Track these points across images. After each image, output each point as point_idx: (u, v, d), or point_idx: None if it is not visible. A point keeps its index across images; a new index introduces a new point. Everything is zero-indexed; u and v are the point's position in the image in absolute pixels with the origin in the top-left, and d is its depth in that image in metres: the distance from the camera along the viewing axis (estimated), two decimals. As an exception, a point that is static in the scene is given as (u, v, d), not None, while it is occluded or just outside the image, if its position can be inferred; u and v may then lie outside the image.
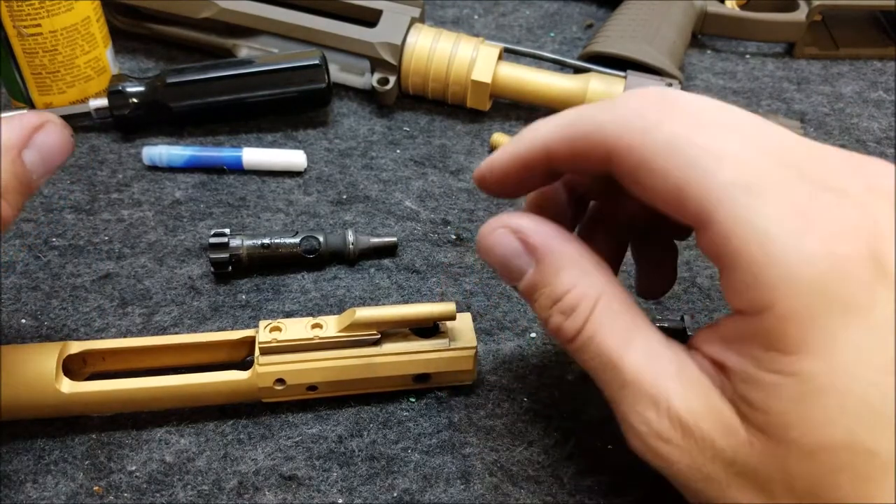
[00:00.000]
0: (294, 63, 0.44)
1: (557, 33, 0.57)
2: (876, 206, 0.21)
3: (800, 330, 0.20)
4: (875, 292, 0.20)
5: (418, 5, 0.48)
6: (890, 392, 0.20)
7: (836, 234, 0.20)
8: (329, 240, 0.38)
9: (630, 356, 0.23)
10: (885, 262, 0.20)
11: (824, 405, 0.20)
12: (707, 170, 0.21)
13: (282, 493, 0.29)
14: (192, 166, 0.43)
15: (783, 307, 0.20)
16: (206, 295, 0.37)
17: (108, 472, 0.30)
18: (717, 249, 0.21)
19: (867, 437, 0.20)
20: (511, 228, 0.26)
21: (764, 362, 0.21)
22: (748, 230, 0.21)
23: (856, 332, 0.20)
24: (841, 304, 0.20)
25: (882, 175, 0.22)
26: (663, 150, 0.22)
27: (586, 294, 0.24)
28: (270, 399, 0.31)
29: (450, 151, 0.46)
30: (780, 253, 0.20)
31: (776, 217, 0.20)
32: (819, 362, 0.20)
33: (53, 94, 0.44)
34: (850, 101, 0.53)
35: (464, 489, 0.30)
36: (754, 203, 0.21)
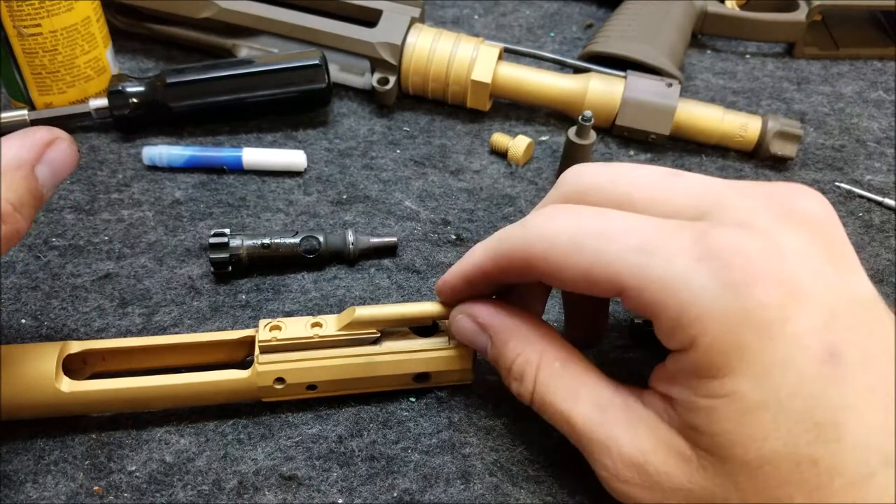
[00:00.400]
0: (294, 63, 0.44)
1: (557, 33, 0.57)
2: (781, 233, 0.23)
3: (722, 356, 0.22)
4: (785, 311, 0.22)
5: (418, 5, 0.48)
6: (815, 401, 0.21)
7: (735, 265, 0.22)
8: (329, 240, 0.38)
9: (578, 410, 0.26)
10: (792, 282, 0.22)
11: (758, 420, 0.22)
12: (603, 250, 0.24)
13: (282, 493, 0.29)
14: (192, 166, 0.43)
15: (703, 341, 0.22)
16: (206, 295, 0.37)
17: (108, 472, 0.30)
18: (639, 308, 0.24)
19: (803, 445, 0.21)
20: (467, 313, 0.30)
21: (700, 389, 0.23)
22: (653, 284, 0.23)
23: (773, 350, 0.22)
24: (753, 326, 0.22)
25: (793, 201, 0.24)
26: (567, 249, 0.25)
27: (529, 360, 0.27)
28: (270, 398, 0.31)
29: (450, 151, 0.46)
30: (684, 293, 0.22)
31: (670, 265, 0.23)
32: (745, 381, 0.22)
33: (53, 94, 0.44)
34: (850, 101, 0.53)
35: (464, 489, 0.30)
36: (650, 261, 0.23)
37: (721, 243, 0.22)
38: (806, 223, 0.23)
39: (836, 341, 0.22)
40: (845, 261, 0.23)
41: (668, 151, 0.47)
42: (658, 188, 0.26)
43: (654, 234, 0.23)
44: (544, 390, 0.27)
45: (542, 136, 0.48)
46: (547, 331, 0.28)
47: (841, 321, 0.22)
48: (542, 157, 0.46)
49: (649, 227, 0.24)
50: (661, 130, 0.46)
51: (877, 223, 0.43)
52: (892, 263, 0.41)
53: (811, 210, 0.24)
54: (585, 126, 0.42)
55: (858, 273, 0.23)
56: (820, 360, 0.21)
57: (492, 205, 0.43)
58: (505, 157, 0.46)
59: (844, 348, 0.22)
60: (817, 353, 0.21)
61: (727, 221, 0.23)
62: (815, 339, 0.22)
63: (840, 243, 0.24)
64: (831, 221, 0.24)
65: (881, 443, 0.21)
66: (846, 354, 0.21)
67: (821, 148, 0.48)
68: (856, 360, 0.22)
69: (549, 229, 0.25)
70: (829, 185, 0.46)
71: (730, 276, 0.22)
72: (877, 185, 0.46)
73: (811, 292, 0.22)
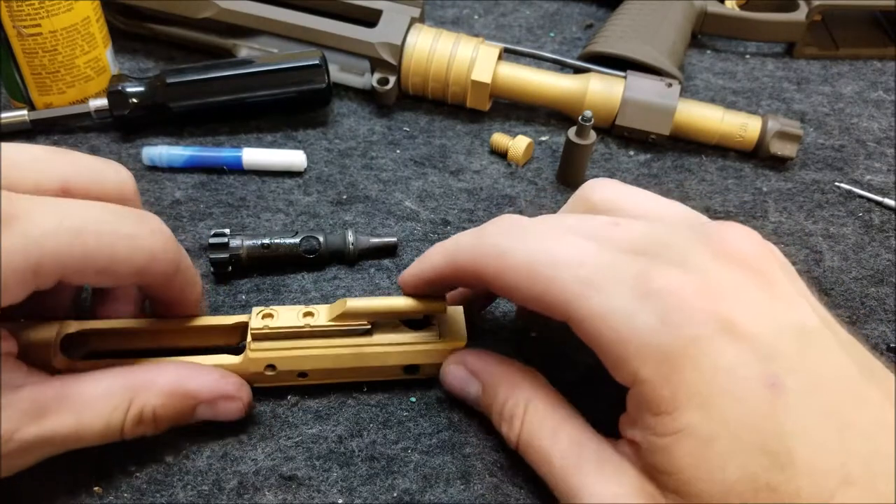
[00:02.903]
0: (294, 63, 0.44)
1: (557, 33, 0.57)
2: (714, 270, 0.24)
3: (666, 390, 0.23)
4: (719, 344, 0.23)
5: (418, 5, 0.48)
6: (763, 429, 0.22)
7: (671, 303, 0.23)
8: (329, 240, 0.38)
9: (557, 447, 0.27)
10: (724, 317, 0.23)
11: (714, 451, 0.22)
12: (553, 277, 0.25)
13: (282, 493, 0.29)
14: (191, 166, 0.43)
15: (645, 374, 0.23)
16: (206, 295, 0.37)
17: (108, 472, 0.30)
18: (584, 338, 0.25)
19: (761, 472, 0.22)
20: (459, 361, 0.31)
21: (656, 427, 0.23)
22: (595, 317, 0.24)
23: (713, 382, 0.22)
24: (691, 360, 0.23)
25: (728, 238, 0.25)
26: (518, 272, 0.26)
27: (517, 404, 0.29)
28: (262, 384, 0.32)
29: (450, 151, 0.46)
30: (624, 329, 0.24)
31: (612, 300, 0.24)
32: (693, 414, 0.22)
33: (53, 94, 0.44)
34: (850, 101, 0.53)
35: (464, 489, 0.30)
36: (595, 295, 0.24)
37: (659, 282, 0.24)
38: (740, 260, 0.24)
39: (776, 371, 0.22)
40: (783, 293, 0.24)
41: (667, 151, 0.47)
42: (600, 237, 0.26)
43: (601, 268, 0.25)
44: (530, 431, 0.28)
45: (542, 136, 0.48)
46: (534, 377, 0.30)
47: (779, 351, 0.23)
48: (542, 157, 0.46)
49: (599, 259, 0.25)
50: (661, 130, 0.46)
51: (877, 223, 0.43)
52: (892, 263, 0.41)
53: (745, 248, 0.25)
54: (585, 126, 0.42)
55: (798, 303, 0.24)
56: (762, 389, 0.22)
57: (492, 205, 0.43)
58: (505, 157, 0.46)
59: (785, 376, 0.22)
60: (758, 382, 0.22)
61: (665, 260, 0.24)
62: (752, 370, 0.22)
63: (777, 276, 0.25)
64: (766, 256, 0.25)
65: (838, 464, 0.21)
66: (787, 382, 0.22)
67: (821, 148, 0.48)
68: (798, 387, 0.22)
69: (504, 249, 0.27)
70: (829, 185, 0.46)
71: (666, 312, 0.23)
72: (877, 185, 0.46)
73: (746, 325, 0.23)
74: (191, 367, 0.30)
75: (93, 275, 0.25)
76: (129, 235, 0.26)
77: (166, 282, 0.29)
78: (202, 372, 0.29)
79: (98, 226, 0.25)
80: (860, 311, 0.38)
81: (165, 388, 0.28)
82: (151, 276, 0.27)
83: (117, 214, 0.26)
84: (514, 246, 0.27)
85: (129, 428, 0.27)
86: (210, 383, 0.29)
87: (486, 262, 0.27)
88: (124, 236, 0.26)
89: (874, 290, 0.39)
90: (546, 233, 0.27)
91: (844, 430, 0.22)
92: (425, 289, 0.31)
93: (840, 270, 0.41)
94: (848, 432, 0.22)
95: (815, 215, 0.44)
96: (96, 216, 0.25)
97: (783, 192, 0.45)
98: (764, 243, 0.26)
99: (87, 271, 0.25)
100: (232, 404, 0.30)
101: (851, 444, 0.22)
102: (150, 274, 0.27)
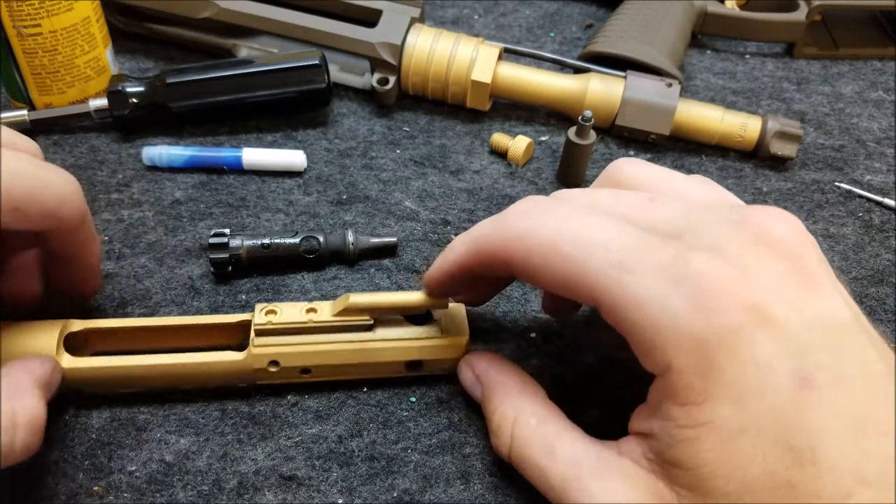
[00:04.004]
0: (294, 63, 0.44)
1: (557, 33, 0.57)
2: (752, 257, 0.23)
3: (699, 379, 0.22)
4: (755, 335, 0.22)
5: (418, 5, 0.48)
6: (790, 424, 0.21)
7: (708, 290, 0.22)
8: (329, 240, 0.38)
9: (554, 466, 0.26)
10: (761, 307, 0.22)
11: (739, 447, 0.22)
12: (582, 259, 0.24)
13: (282, 493, 0.29)
14: (192, 166, 0.43)
15: (679, 362, 0.22)
16: (206, 295, 0.37)
17: (108, 472, 0.30)
18: (615, 324, 0.24)
19: (781, 470, 0.21)
20: (469, 364, 0.32)
21: (681, 418, 0.23)
22: (629, 302, 0.23)
23: (746, 374, 0.22)
24: (726, 351, 0.22)
25: (766, 226, 0.24)
26: (546, 253, 0.25)
27: (505, 415, 0.28)
28: (265, 381, 0.32)
29: (450, 151, 0.46)
30: (659, 315, 0.23)
31: (647, 284, 0.23)
32: (724, 407, 0.22)
33: (53, 94, 0.44)
34: (850, 101, 0.53)
35: (464, 489, 0.30)
36: (627, 278, 0.23)
37: (695, 266, 0.23)
38: (778, 248, 0.24)
39: (808, 365, 0.22)
40: (818, 285, 0.24)
41: (667, 151, 0.47)
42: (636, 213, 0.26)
43: (633, 251, 0.24)
44: (521, 445, 0.27)
45: (542, 136, 0.48)
46: (530, 388, 0.29)
47: (812, 345, 0.22)
48: (542, 157, 0.46)
49: (630, 240, 0.24)
50: (660, 130, 0.46)
51: (877, 223, 0.43)
52: (892, 263, 0.41)
53: (783, 235, 0.24)
54: (585, 126, 0.42)
55: (832, 297, 0.24)
56: (792, 384, 0.22)
57: (492, 205, 0.43)
58: (505, 157, 0.46)
59: (816, 372, 0.22)
60: (789, 377, 0.22)
61: (702, 245, 0.24)
62: (786, 363, 0.22)
63: (813, 267, 0.24)
64: (804, 245, 0.24)
65: (856, 464, 0.21)
66: (818, 378, 0.22)
67: (821, 148, 0.48)
68: (827, 383, 0.22)
69: (529, 230, 0.26)
70: (829, 185, 0.46)
71: (702, 299, 0.22)
72: (877, 185, 0.46)
73: (781, 317, 0.22)
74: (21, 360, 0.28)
75: (9, 211, 0.26)
76: (41, 178, 0.27)
77: (71, 230, 0.29)
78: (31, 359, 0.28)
79: (14, 165, 0.26)
80: (860, 311, 0.38)
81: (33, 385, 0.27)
82: (61, 220, 0.28)
83: (32, 162, 0.27)
84: (538, 228, 0.26)
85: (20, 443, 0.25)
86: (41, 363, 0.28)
87: (511, 246, 0.26)
88: (38, 178, 0.27)
89: (874, 290, 0.39)
90: (571, 212, 0.26)
91: (864, 430, 0.21)
92: (451, 284, 0.30)
93: (840, 270, 0.41)
94: (867, 431, 0.21)
95: (815, 215, 0.44)
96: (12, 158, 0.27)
97: (783, 192, 0.45)
98: (802, 230, 0.25)
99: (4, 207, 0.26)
100: (58, 375, 0.29)
101: (869, 445, 0.21)
102: (57, 217, 0.28)
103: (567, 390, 0.34)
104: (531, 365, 0.34)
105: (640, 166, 0.29)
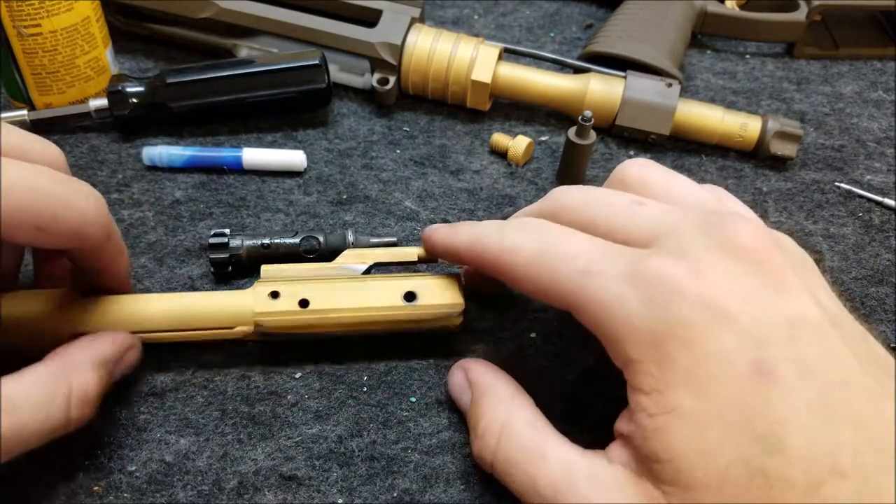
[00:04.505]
0: (294, 63, 0.44)
1: (557, 33, 0.57)
2: (713, 260, 0.25)
3: (657, 368, 0.24)
4: (708, 329, 0.23)
5: (418, 5, 0.48)
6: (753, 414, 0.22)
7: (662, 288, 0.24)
8: (329, 240, 0.38)
9: (545, 472, 0.26)
10: (715, 302, 0.23)
11: (707, 435, 0.22)
12: (552, 268, 0.27)
13: (282, 493, 0.29)
14: (192, 166, 0.43)
15: (637, 354, 0.24)
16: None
17: (108, 472, 0.30)
18: (587, 325, 0.26)
19: (753, 458, 0.22)
20: (462, 367, 0.32)
21: (650, 407, 0.24)
22: (593, 303, 0.25)
23: (702, 365, 0.23)
24: (679, 343, 0.23)
25: (728, 231, 0.25)
26: (528, 266, 0.27)
27: (494, 418, 0.28)
28: (264, 320, 0.32)
29: (450, 151, 0.46)
30: (618, 312, 0.25)
31: (608, 286, 0.25)
32: (684, 395, 0.23)
33: (53, 94, 0.44)
34: (850, 101, 0.53)
35: (464, 489, 0.30)
36: (590, 281, 0.26)
37: (652, 269, 0.25)
38: (740, 250, 0.25)
39: (767, 358, 0.23)
40: (784, 285, 0.24)
41: (667, 151, 0.47)
42: (618, 215, 0.28)
43: (597, 258, 0.26)
44: (510, 450, 0.27)
45: (542, 136, 0.48)
46: (521, 396, 0.29)
47: (773, 339, 0.23)
48: (542, 157, 0.46)
49: (594, 250, 0.26)
50: (660, 130, 0.46)
51: (877, 223, 0.43)
52: (892, 263, 0.41)
53: (747, 240, 0.25)
54: (585, 126, 0.42)
55: (799, 296, 0.24)
56: (749, 376, 0.22)
57: (492, 205, 0.43)
58: (505, 157, 0.46)
59: (777, 364, 0.22)
60: (746, 368, 0.23)
61: (665, 250, 0.25)
62: (742, 356, 0.23)
63: (778, 269, 0.25)
64: (767, 247, 0.25)
65: (826, 453, 0.21)
66: (778, 370, 0.22)
67: (821, 148, 0.48)
68: (791, 374, 0.22)
69: (518, 243, 0.28)
70: (829, 185, 0.46)
71: (656, 296, 0.24)
72: (877, 185, 0.46)
73: (738, 313, 0.23)
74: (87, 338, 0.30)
75: (30, 230, 0.25)
76: (64, 197, 0.26)
77: (98, 247, 0.29)
78: (100, 337, 0.30)
79: (35, 182, 0.25)
80: (860, 311, 0.38)
81: (92, 362, 0.28)
82: (84, 239, 0.28)
83: (54, 178, 0.26)
84: (526, 244, 0.28)
85: (74, 415, 0.27)
86: (112, 341, 0.30)
87: (502, 257, 0.29)
88: (60, 196, 0.26)
89: (874, 290, 0.40)
90: (553, 231, 0.28)
91: (835, 421, 0.22)
92: (448, 257, 0.33)
93: (840, 270, 0.41)
94: (838, 423, 0.22)
95: (815, 215, 0.44)
96: (30, 174, 0.26)
97: (783, 192, 0.45)
98: (768, 235, 0.26)
99: (24, 226, 0.25)
100: (135, 352, 0.31)
101: (842, 435, 0.22)
102: (83, 236, 0.27)
103: (567, 390, 0.34)
104: (531, 365, 0.34)
105: (644, 168, 0.31)
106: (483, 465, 0.28)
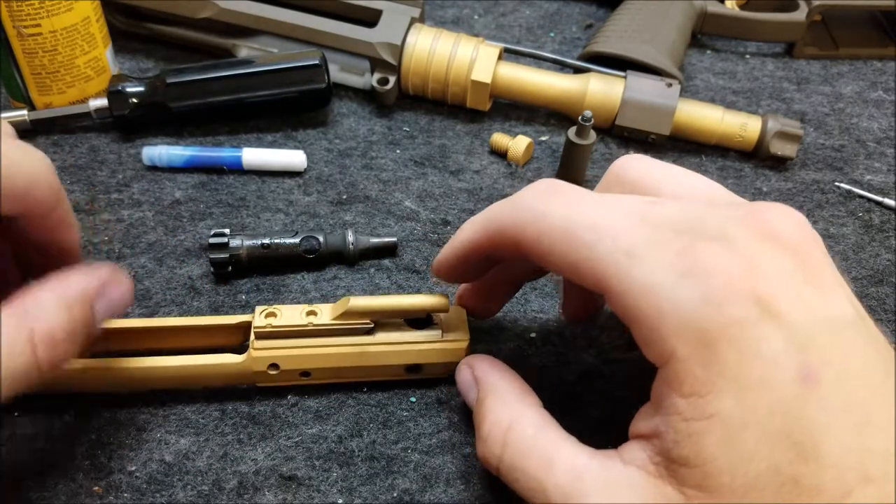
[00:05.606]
0: (294, 63, 0.44)
1: (557, 33, 0.57)
2: (759, 251, 0.23)
3: (702, 369, 0.22)
4: (760, 329, 0.22)
5: (418, 5, 0.48)
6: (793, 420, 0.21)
7: (715, 282, 0.22)
8: (329, 240, 0.38)
9: (553, 479, 0.25)
10: (767, 301, 0.22)
11: (743, 441, 0.21)
12: (591, 244, 0.24)
13: (282, 493, 0.29)
14: (192, 166, 0.43)
15: (682, 351, 0.22)
16: (205, 295, 0.37)
17: (108, 472, 0.30)
18: (620, 311, 0.24)
19: (786, 465, 0.21)
20: (469, 364, 0.31)
21: (686, 412, 0.22)
22: (635, 289, 0.23)
23: (750, 367, 0.22)
24: (730, 343, 0.22)
25: (772, 221, 0.24)
26: (558, 237, 0.25)
27: (498, 420, 0.27)
28: (265, 384, 0.32)
29: (450, 151, 0.46)
30: (665, 304, 0.23)
31: (655, 273, 0.23)
32: (727, 399, 0.22)
33: (53, 94, 0.44)
34: (850, 101, 0.53)
35: (464, 489, 0.30)
36: (635, 265, 0.23)
37: (704, 258, 0.23)
38: (784, 243, 0.24)
39: (812, 361, 0.22)
40: (824, 281, 0.24)
41: (667, 151, 0.47)
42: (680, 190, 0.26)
43: (644, 240, 0.24)
44: (516, 455, 0.26)
45: (542, 136, 0.48)
46: (528, 396, 0.28)
47: (817, 341, 0.22)
48: (542, 157, 0.46)
49: (640, 231, 0.24)
50: (660, 130, 0.46)
51: (877, 223, 0.43)
52: (892, 263, 0.41)
53: (789, 231, 0.24)
54: (585, 126, 0.42)
55: (837, 294, 0.24)
56: (796, 380, 0.22)
57: (492, 205, 0.43)
58: (505, 157, 0.46)
59: (819, 368, 0.22)
60: (793, 372, 0.22)
61: (710, 237, 0.24)
62: (791, 358, 0.22)
63: (818, 263, 0.24)
64: (809, 241, 0.24)
65: (858, 461, 0.21)
66: (821, 374, 0.22)
67: (821, 148, 0.48)
68: (831, 379, 0.22)
69: (542, 212, 0.25)
70: (829, 185, 0.46)
71: (709, 290, 0.22)
72: (877, 185, 0.46)
73: (788, 312, 0.22)
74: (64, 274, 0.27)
75: None
76: (8, 157, 0.26)
77: (45, 213, 0.28)
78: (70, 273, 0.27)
79: None
80: (860, 311, 0.38)
81: (58, 301, 0.26)
82: (32, 202, 0.27)
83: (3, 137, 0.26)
84: (552, 208, 0.25)
85: (43, 356, 0.25)
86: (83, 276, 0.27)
87: (523, 227, 0.26)
88: (6, 155, 0.25)
89: (874, 290, 0.39)
90: (585, 196, 0.26)
91: (866, 427, 0.21)
92: (461, 268, 0.30)
93: (840, 270, 0.40)
94: (869, 429, 0.21)
95: (815, 215, 0.44)
96: None
97: (783, 192, 0.45)
98: (807, 226, 0.25)
99: None
100: (120, 287, 0.28)
101: (872, 442, 0.21)
102: (30, 199, 0.27)
103: (567, 390, 0.34)
104: (531, 365, 0.34)
105: (645, 162, 0.29)
106: (489, 468, 0.27)
